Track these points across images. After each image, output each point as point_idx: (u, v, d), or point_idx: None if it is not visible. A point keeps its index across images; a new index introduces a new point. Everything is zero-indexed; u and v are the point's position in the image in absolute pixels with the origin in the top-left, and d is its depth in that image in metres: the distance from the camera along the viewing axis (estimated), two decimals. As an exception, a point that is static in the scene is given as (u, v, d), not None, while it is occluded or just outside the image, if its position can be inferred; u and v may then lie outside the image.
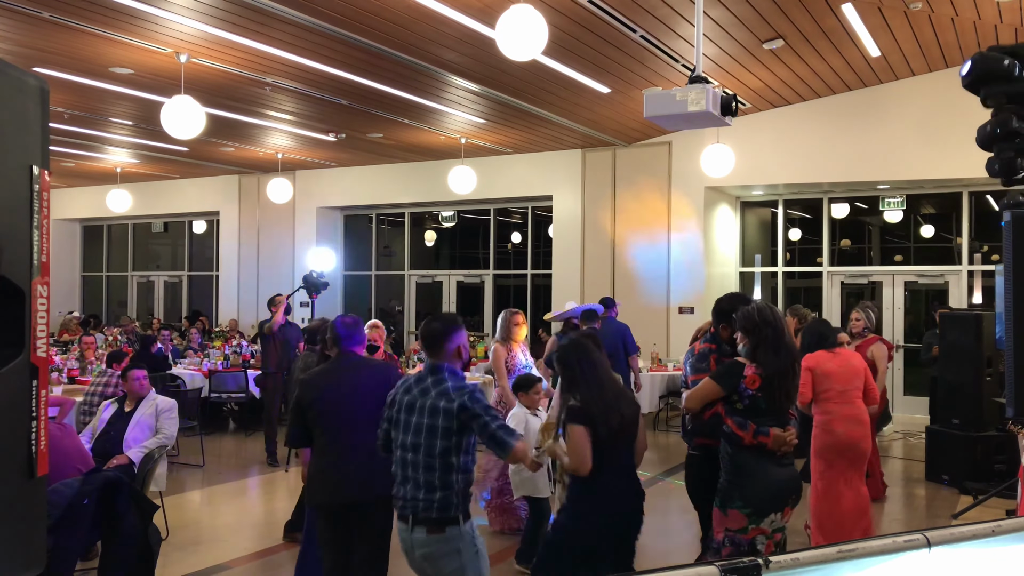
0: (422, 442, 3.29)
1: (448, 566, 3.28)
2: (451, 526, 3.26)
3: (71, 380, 9.44)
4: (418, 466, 3.29)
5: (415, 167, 14.60)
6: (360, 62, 8.71)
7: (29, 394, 1.40)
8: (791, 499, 3.88)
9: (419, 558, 3.32)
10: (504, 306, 13.17)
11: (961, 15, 8.28)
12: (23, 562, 1.39)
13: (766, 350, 3.82)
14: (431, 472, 3.26)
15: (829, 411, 5.36)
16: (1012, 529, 1.99)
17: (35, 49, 8.35)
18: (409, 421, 3.35)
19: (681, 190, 12.37)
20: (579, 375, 3.71)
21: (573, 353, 3.81)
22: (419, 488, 3.28)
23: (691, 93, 4.57)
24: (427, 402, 3.33)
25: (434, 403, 3.31)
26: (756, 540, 3.79)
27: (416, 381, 3.43)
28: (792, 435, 3.85)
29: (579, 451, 3.57)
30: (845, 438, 5.29)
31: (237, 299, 16.36)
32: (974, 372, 7.82)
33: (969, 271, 11.67)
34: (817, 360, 5.44)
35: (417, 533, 3.28)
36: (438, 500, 3.25)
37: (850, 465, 5.33)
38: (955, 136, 9.97)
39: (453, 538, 3.26)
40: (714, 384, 3.93)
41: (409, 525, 3.30)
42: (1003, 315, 3.52)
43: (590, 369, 3.73)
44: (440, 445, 3.26)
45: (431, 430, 3.28)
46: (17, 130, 1.39)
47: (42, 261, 1.42)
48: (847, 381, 5.42)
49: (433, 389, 3.35)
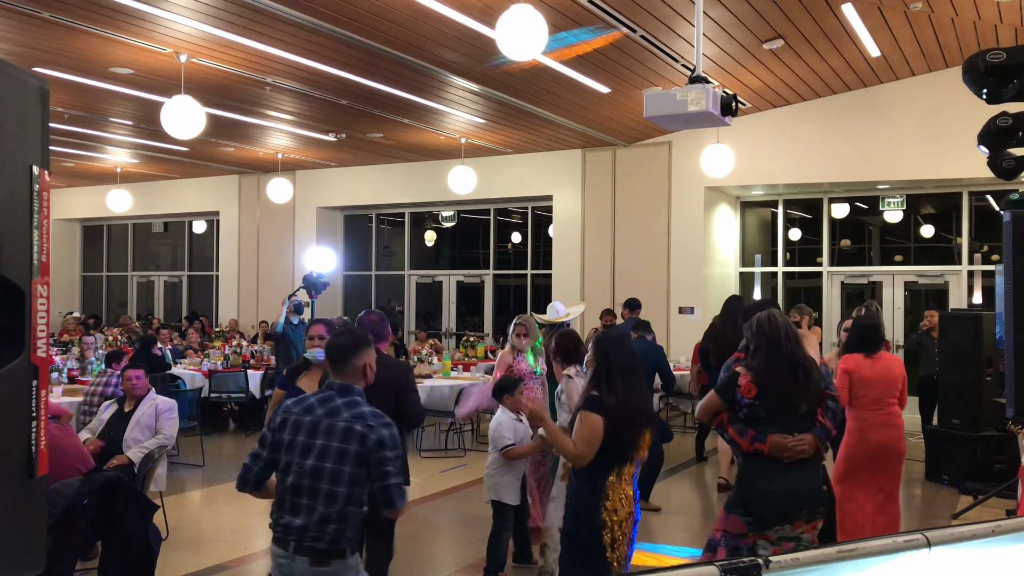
0: (327, 466, 3.00)
1: None
2: (337, 559, 3.03)
3: (71, 380, 9.43)
4: (316, 493, 2.99)
5: (415, 167, 14.60)
6: (360, 62, 8.70)
7: (29, 394, 1.40)
8: (803, 512, 3.70)
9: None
10: (504, 306, 13.06)
11: (961, 15, 8.28)
12: (23, 562, 1.39)
13: (759, 358, 3.78)
14: (332, 502, 2.98)
15: (863, 418, 5.29)
16: (1012, 529, 1.99)
17: (35, 49, 8.35)
18: (311, 444, 3.04)
19: (681, 190, 12.37)
20: (610, 371, 3.66)
21: (612, 348, 3.74)
22: (312, 516, 2.99)
23: (691, 93, 4.57)
24: (337, 424, 3.03)
25: (348, 426, 3.02)
26: (758, 544, 3.70)
27: (319, 401, 3.11)
28: (798, 442, 3.68)
29: (589, 439, 3.55)
30: (878, 444, 5.25)
31: (237, 299, 16.36)
32: (974, 372, 7.83)
33: (969, 271, 11.67)
34: (856, 364, 5.36)
35: (299, 563, 3.00)
36: (331, 532, 2.99)
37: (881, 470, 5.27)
38: (955, 136, 9.97)
39: (337, 572, 3.03)
40: (715, 395, 3.93)
41: (290, 553, 3.01)
42: (1003, 315, 3.52)
43: (623, 371, 3.67)
44: (348, 472, 2.99)
45: (341, 454, 3.00)
46: (17, 130, 1.39)
47: (42, 261, 1.42)
48: (884, 388, 5.34)
49: (345, 411, 3.06)
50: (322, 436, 3.03)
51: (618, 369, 3.66)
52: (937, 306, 10.96)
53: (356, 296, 16.33)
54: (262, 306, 15.79)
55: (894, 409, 5.36)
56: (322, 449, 3.02)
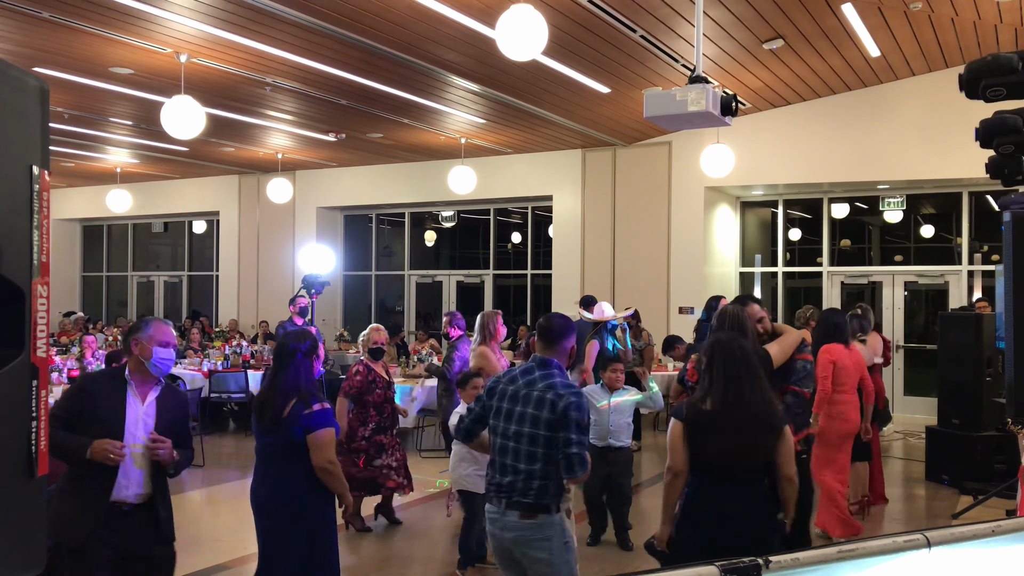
0: (524, 430, 3.40)
1: (537, 553, 3.40)
2: (543, 514, 3.38)
3: (71, 380, 9.43)
4: (519, 454, 3.39)
5: (415, 167, 14.60)
6: (360, 62, 8.71)
7: (29, 394, 1.40)
8: None
9: (509, 540, 3.44)
10: (504, 306, 13.06)
11: (961, 15, 8.28)
12: (23, 562, 1.39)
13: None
14: (532, 460, 3.37)
15: (845, 400, 5.96)
16: (1012, 529, 1.99)
17: (35, 49, 8.35)
18: (512, 410, 3.46)
19: (681, 190, 12.37)
20: (712, 376, 3.49)
21: (717, 353, 3.54)
22: (517, 475, 3.39)
23: (691, 93, 4.57)
24: (533, 393, 3.43)
25: (541, 395, 3.41)
26: None
27: (522, 372, 3.55)
28: None
29: (670, 445, 3.51)
30: (855, 424, 6.03)
31: (237, 299, 16.36)
32: (974, 372, 7.82)
33: (969, 271, 11.67)
34: (839, 354, 5.98)
35: (509, 517, 3.40)
36: (535, 488, 3.36)
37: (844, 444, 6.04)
38: (955, 136, 9.97)
39: (544, 526, 3.38)
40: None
41: (501, 508, 3.42)
42: (1003, 315, 3.52)
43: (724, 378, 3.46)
44: (543, 436, 3.36)
45: (535, 420, 3.39)
46: (17, 130, 1.39)
47: (42, 261, 1.42)
48: (857, 375, 6.09)
49: (540, 382, 3.46)
50: (521, 403, 3.45)
51: (720, 375, 3.47)
52: (937, 304, 10.95)
53: (356, 296, 16.34)
54: (262, 306, 15.80)
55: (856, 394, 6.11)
56: (521, 415, 3.43)
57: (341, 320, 15.72)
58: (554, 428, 3.35)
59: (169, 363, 3.63)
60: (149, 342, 3.55)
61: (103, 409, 3.43)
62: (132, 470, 3.41)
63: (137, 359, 3.57)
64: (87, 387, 3.59)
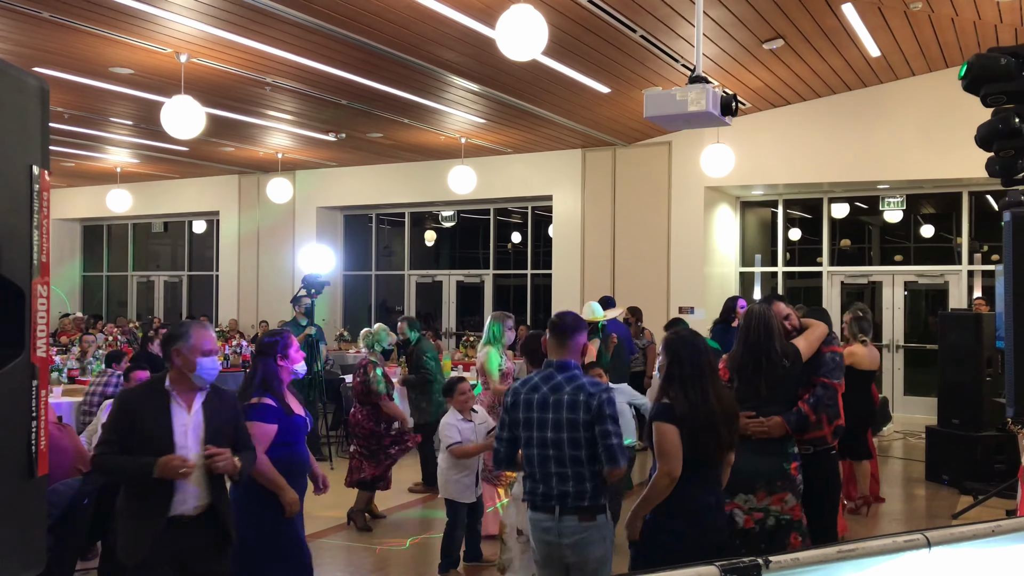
0: (564, 436, 3.40)
1: (595, 552, 3.44)
2: (601, 514, 3.45)
3: (71, 380, 9.43)
4: (563, 460, 3.40)
5: (415, 167, 14.59)
6: (360, 62, 8.70)
7: (29, 394, 1.40)
8: (760, 483, 3.98)
9: (567, 546, 3.43)
10: (504, 306, 13.08)
11: (961, 15, 8.28)
12: (23, 562, 1.39)
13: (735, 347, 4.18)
14: (579, 464, 3.38)
15: None
16: (1012, 529, 1.99)
17: (35, 49, 8.35)
18: (544, 418, 3.44)
19: (681, 190, 12.37)
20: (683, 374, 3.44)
21: (685, 348, 3.50)
22: (566, 481, 3.40)
23: (691, 93, 4.57)
24: (563, 398, 3.42)
25: (572, 398, 3.41)
26: (734, 513, 3.96)
27: (543, 379, 3.51)
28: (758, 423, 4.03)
29: (668, 452, 3.34)
30: None
31: (237, 299, 16.36)
32: (974, 372, 7.82)
33: (969, 271, 11.67)
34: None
35: (567, 522, 3.41)
36: (590, 490, 3.40)
37: None
38: (955, 136, 9.96)
39: (602, 525, 3.45)
40: None
41: (556, 516, 3.41)
42: (1003, 315, 3.53)
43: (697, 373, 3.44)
44: (583, 437, 3.37)
45: (572, 424, 3.39)
46: (17, 130, 1.39)
47: (42, 261, 1.42)
48: None
49: (567, 385, 3.45)
50: (552, 410, 3.44)
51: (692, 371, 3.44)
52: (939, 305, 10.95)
53: (356, 296, 16.34)
54: (262, 306, 15.80)
55: None
56: (556, 421, 3.42)
57: (341, 320, 15.73)
58: (592, 427, 3.38)
59: (214, 372, 3.41)
60: (191, 353, 3.34)
61: (148, 425, 3.28)
62: (186, 483, 3.28)
63: (179, 370, 3.36)
64: (126, 405, 3.41)
